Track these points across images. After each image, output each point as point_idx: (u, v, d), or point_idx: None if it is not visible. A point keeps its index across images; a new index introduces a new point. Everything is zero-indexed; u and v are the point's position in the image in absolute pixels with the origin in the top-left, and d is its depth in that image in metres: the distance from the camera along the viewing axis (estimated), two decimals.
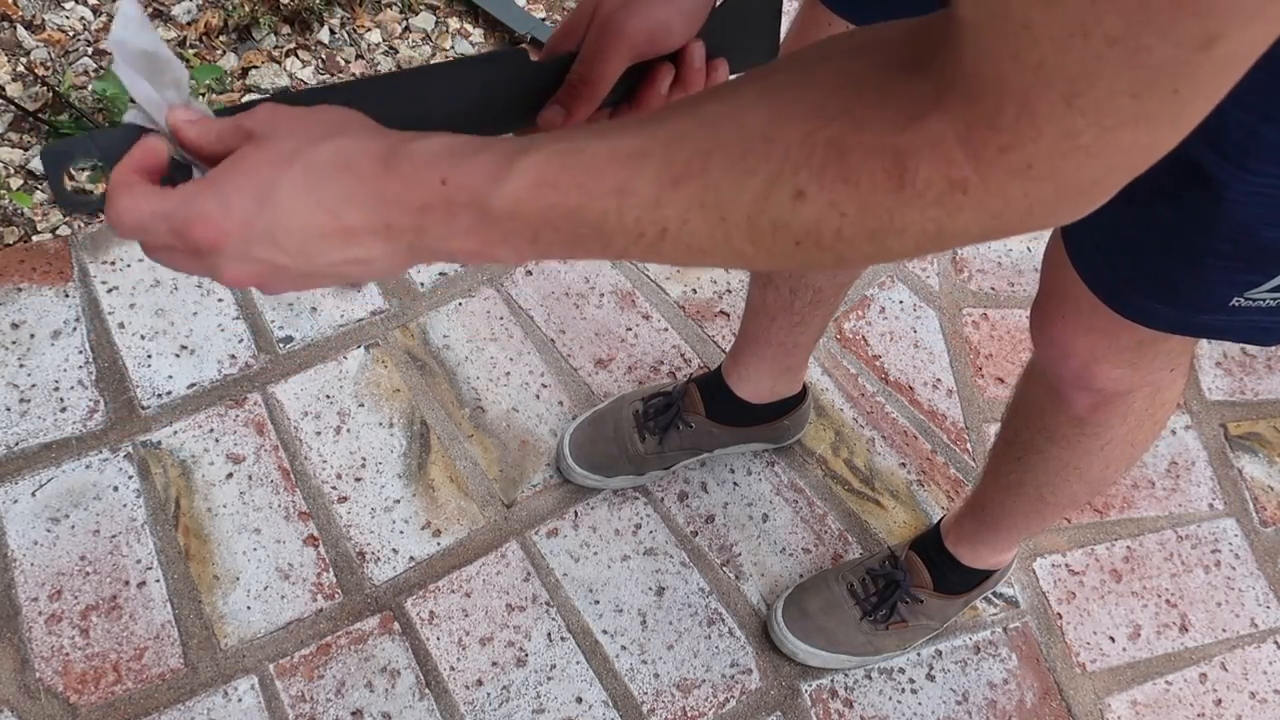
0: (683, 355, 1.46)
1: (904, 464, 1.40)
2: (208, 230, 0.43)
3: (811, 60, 0.41)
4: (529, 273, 1.51)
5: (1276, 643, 1.32)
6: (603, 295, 1.50)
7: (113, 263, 1.45)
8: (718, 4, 0.59)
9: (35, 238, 1.47)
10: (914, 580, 1.20)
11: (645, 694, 1.20)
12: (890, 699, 1.22)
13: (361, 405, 1.36)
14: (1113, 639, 1.30)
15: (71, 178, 0.50)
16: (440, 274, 1.50)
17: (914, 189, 0.36)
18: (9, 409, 1.31)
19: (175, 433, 1.32)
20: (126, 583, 1.21)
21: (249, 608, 1.21)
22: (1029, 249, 1.63)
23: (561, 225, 0.42)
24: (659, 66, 0.57)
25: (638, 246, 0.41)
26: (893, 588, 1.20)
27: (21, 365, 1.35)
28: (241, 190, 0.43)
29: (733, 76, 0.54)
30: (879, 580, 1.21)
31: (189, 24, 1.73)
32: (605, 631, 1.24)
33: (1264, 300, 0.68)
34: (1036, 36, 0.31)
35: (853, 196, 0.37)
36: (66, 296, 1.41)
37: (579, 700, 1.19)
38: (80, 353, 1.37)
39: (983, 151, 0.34)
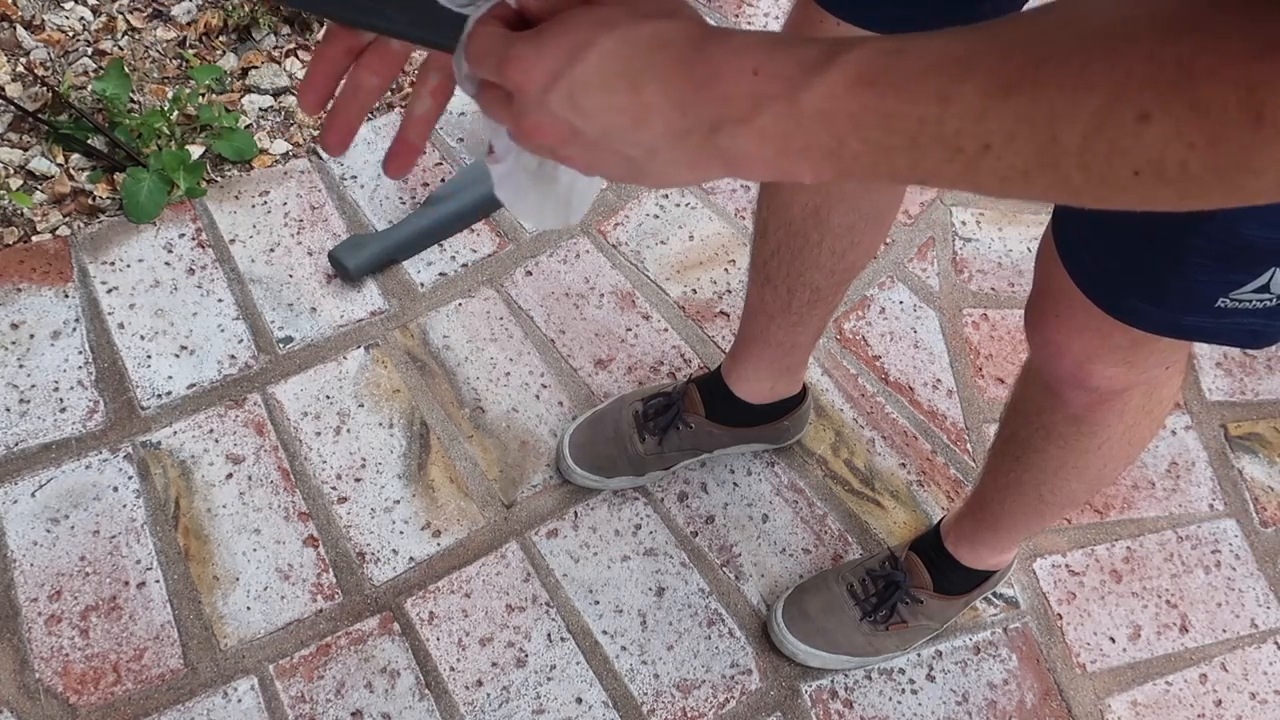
0: (683, 356, 1.46)
1: (904, 464, 1.40)
2: (517, 71, 0.43)
3: None
4: (529, 273, 1.51)
5: (1277, 643, 1.32)
6: (603, 296, 1.50)
7: (112, 263, 1.45)
8: None
9: (35, 238, 1.47)
10: (914, 581, 1.20)
11: (645, 694, 1.20)
12: (890, 700, 1.22)
13: (361, 406, 1.36)
14: (1113, 639, 1.29)
15: None
16: (440, 275, 1.50)
17: (1275, 126, 0.32)
18: (9, 409, 1.31)
19: (175, 433, 1.32)
20: (126, 583, 1.21)
21: (249, 608, 1.21)
22: (1029, 249, 1.63)
23: (872, 131, 0.38)
24: None
25: (953, 165, 0.38)
26: (893, 588, 1.20)
27: (21, 366, 1.35)
28: (558, 42, 0.42)
29: None
30: (879, 581, 1.21)
31: (189, 24, 1.73)
32: (605, 632, 1.23)
33: (1250, 302, 0.67)
34: None
35: (1202, 127, 0.33)
36: (66, 297, 1.41)
37: (579, 701, 1.19)
38: (80, 353, 1.37)
39: None
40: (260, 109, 1.65)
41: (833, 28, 0.87)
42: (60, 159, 1.55)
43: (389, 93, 1.71)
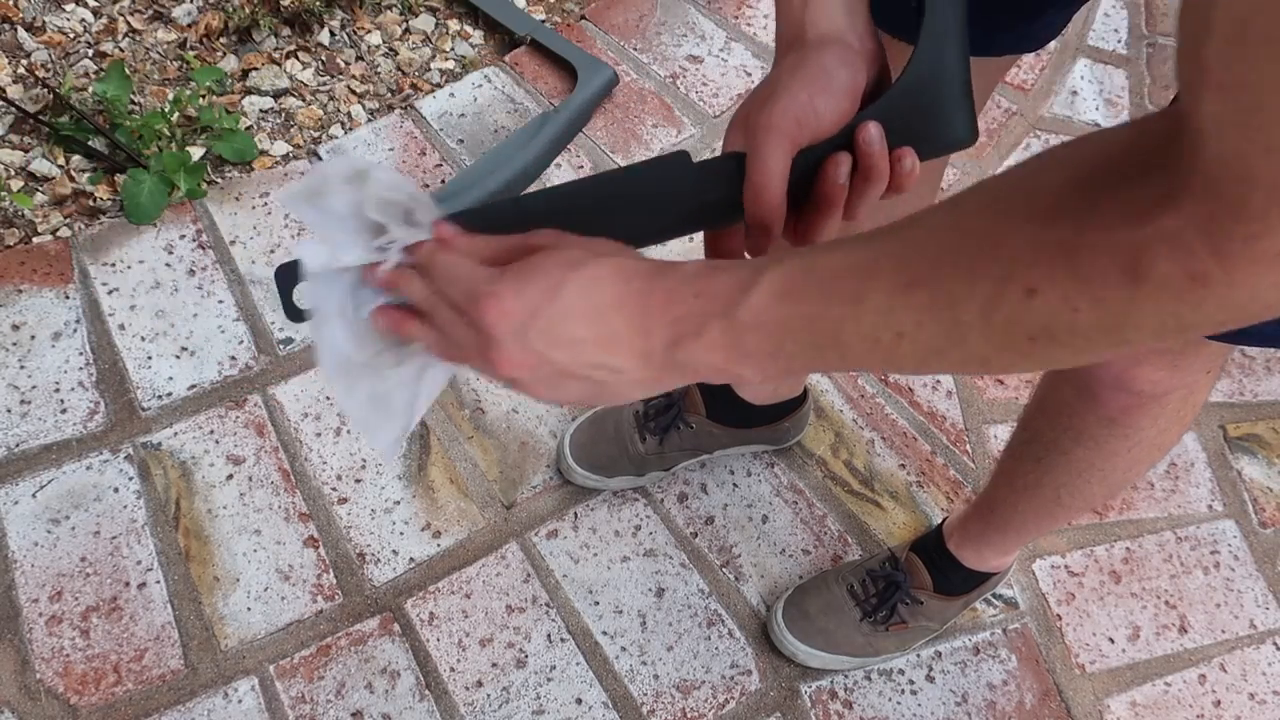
0: None
1: (903, 465, 1.40)
2: (496, 308, 0.48)
3: (1033, 168, 0.42)
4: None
5: (1275, 644, 1.32)
6: None
7: (113, 264, 1.45)
8: (894, 84, 0.56)
9: (36, 239, 1.47)
10: (914, 582, 1.20)
11: (645, 695, 1.20)
12: (890, 700, 1.22)
13: None
14: (1112, 640, 1.30)
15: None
16: None
17: (1151, 284, 0.36)
18: (9, 410, 1.31)
19: (175, 434, 1.32)
20: (127, 584, 1.21)
21: (249, 609, 1.21)
22: None
23: (801, 335, 0.44)
24: (832, 156, 0.55)
25: (875, 353, 0.43)
26: (893, 589, 1.20)
27: (22, 367, 1.35)
28: (535, 283, 0.48)
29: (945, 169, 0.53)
30: (879, 581, 1.21)
31: (189, 26, 1.73)
32: (605, 633, 1.24)
33: None
34: None
35: (1085, 291, 0.37)
36: (67, 298, 1.41)
37: (579, 701, 1.19)
38: (80, 354, 1.37)
39: (1225, 243, 0.34)
40: (261, 110, 1.66)
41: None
42: (61, 160, 1.55)
43: (389, 94, 1.72)
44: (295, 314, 0.57)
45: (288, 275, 0.58)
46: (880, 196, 0.56)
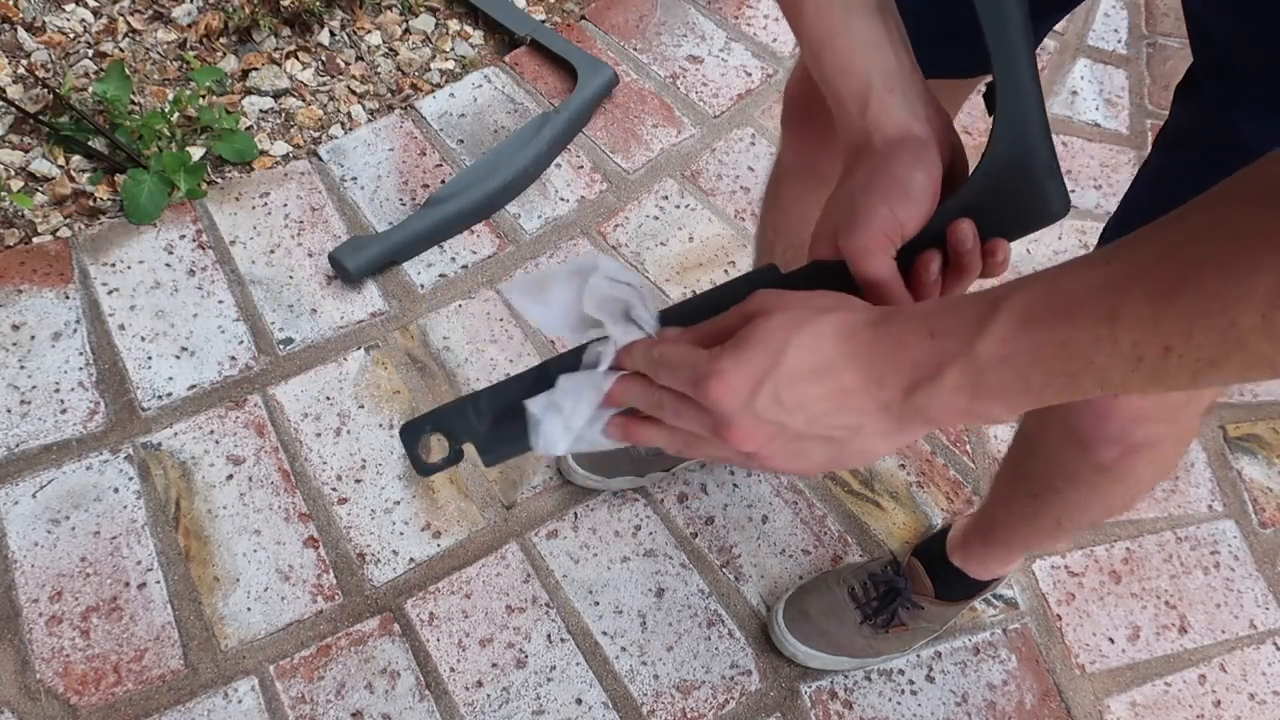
0: None
1: (903, 465, 1.40)
2: (721, 387, 0.46)
3: None
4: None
5: (1275, 644, 1.32)
6: None
7: (113, 264, 1.45)
8: (980, 167, 0.54)
9: (36, 240, 1.47)
10: (916, 587, 1.20)
11: (645, 695, 1.20)
12: (890, 700, 1.22)
13: (361, 407, 1.37)
14: (1112, 640, 1.30)
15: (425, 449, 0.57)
16: (440, 276, 1.50)
17: None
18: (9, 410, 1.31)
19: (175, 434, 1.32)
20: (127, 584, 1.21)
21: (249, 609, 1.21)
22: (1028, 250, 1.63)
23: (1052, 363, 0.41)
24: (922, 256, 0.54)
25: (1138, 373, 0.39)
26: (894, 594, 1.20)
27: (22, 367, 1.35)
28: (756, 351, 0.46)
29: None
30: (880, 585, 1.21)
31: (189, 26, 1.73)
32: (605, 633, 1.24)
33: None
34: None
35: None
36: (67, 298, 1.41)
37: (579, 701, 1.19)
38: (80, 354, 1.37)
39: None
40: (261, 110, 1.66)
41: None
42: (61, 161, 1.55)
43: (389, 94, 1.72)
44: (424, 468, 0.57)
45: (413, 432, 0.57)
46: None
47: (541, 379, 0.55)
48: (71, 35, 1.70)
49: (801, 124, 0.94)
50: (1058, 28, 1.95)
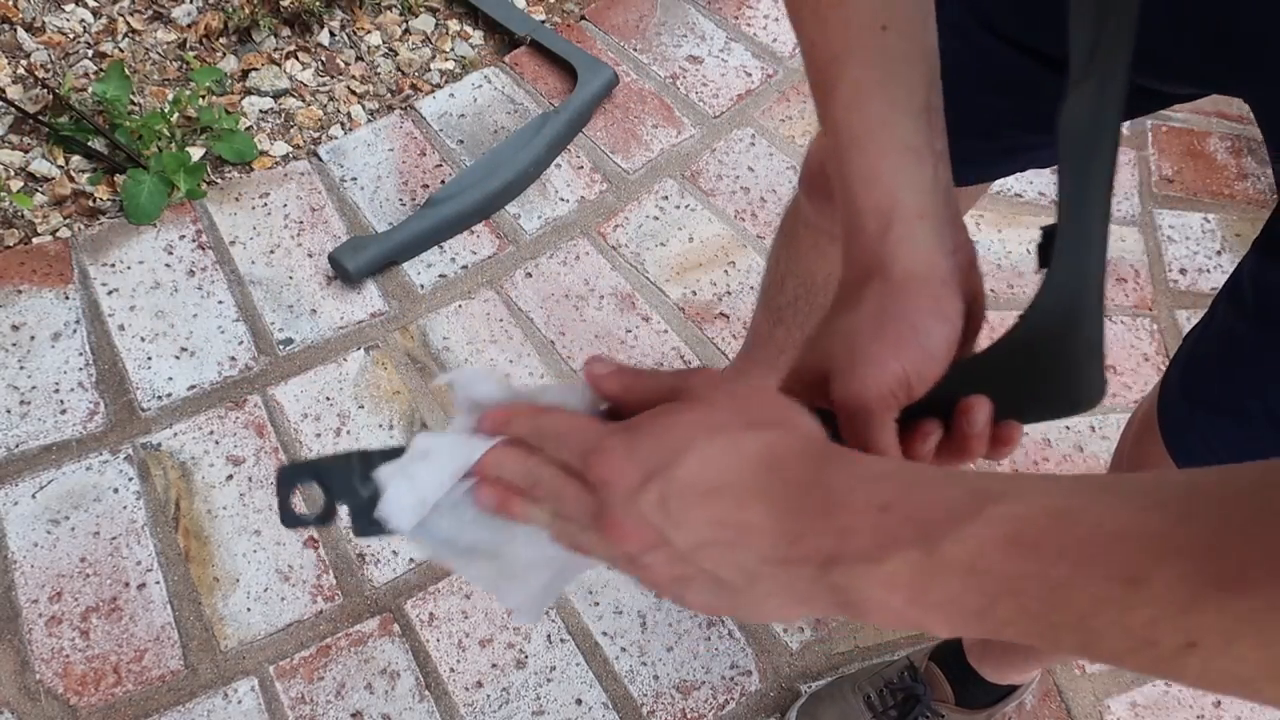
0: (682, 357, 1.46)
1: None
2: (605, 464, 0.39)
3: None
4: (529, 275, 1.51)
5: None
6: (602, 297, 1.50)
7: (113, 265, 1.45)
8: (1011, 335, 0.45)
9: (35, 240, 1.47)
10: (935, 694, 1.14)
11: (645, 696, 1.20)
12: None
13: (361, 407, 1.37)
14: None
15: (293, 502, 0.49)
16: (440, 276, 1.50)
17: None
18: (9, 411, 1.31)
19: (175, 434, 1.32)
20: (126, 584, 1.21)
21: (249, 609, 1.21)
22: (1028, 250, 1.63)
23: (1032, 603, 0.32)
24: (920, 427, 0.46)
25: (1139, 656, 0.31)
26: (913, 703, 1.14)
27: (22, 367, 1.35)
28: (654, 439, 0.39)
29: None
30: (898, 694, 1.15)
31: (189, 26, 1.73)
32: (605, 633, 1.24)
33: None
34: None
35: None
36: (66, 299, 1.41)
37: (579, 702, 1.19)
38: (80, 355, 1.37)
39: None
40: (260, 111, 1.66)
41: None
42: (61, 161, 1.55)
43: (389, 94, 1.72)
44: (289, 519, 0.48)
45: (289, 478, 0.49)
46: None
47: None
48: (71, 35, 1.70)
49: (823, 196, 0.86)
50: None
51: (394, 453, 0.46)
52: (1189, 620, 0.29)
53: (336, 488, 0.48)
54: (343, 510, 0.48)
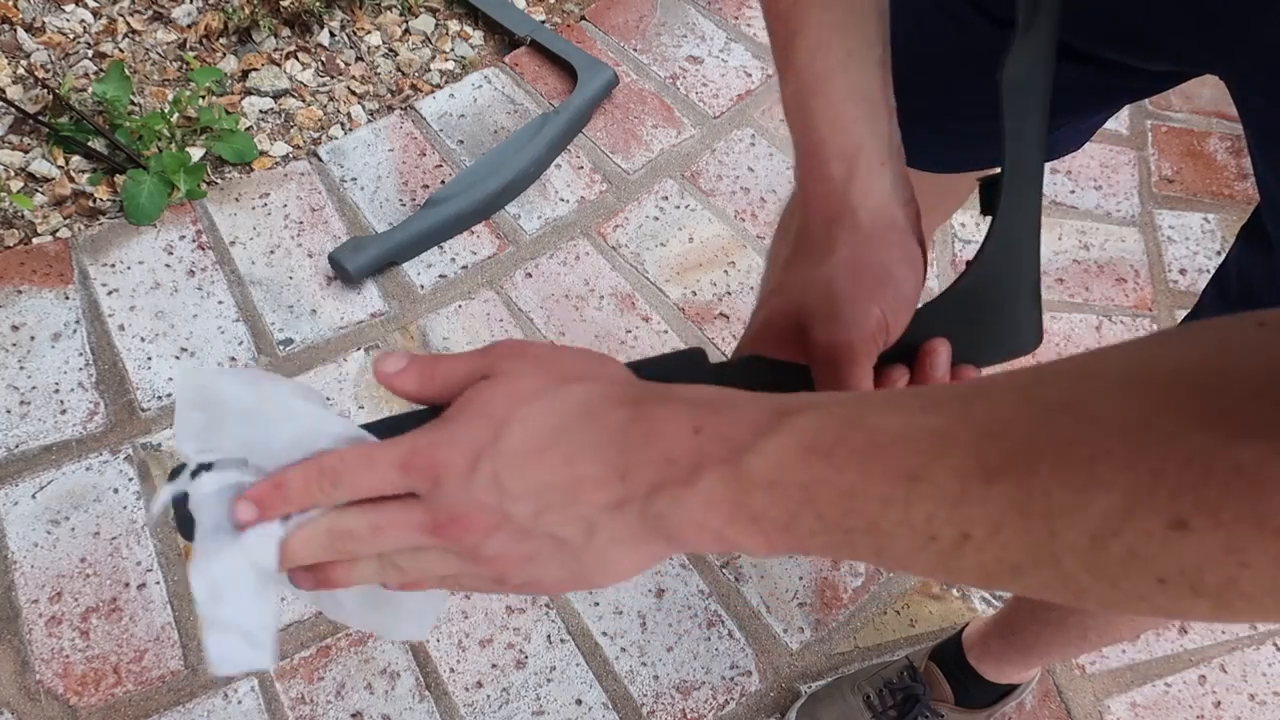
0: None
1: None
2: (429, 460, 0.38)
3: (1213, 343, 0.30)
4: (529, 275, 1.51)
5: (1275, 645, 1.32)
6: (602, 298, 1.50)
7: (113, 265, 1.45)
8: (959, 283, 0.49)
9: (35, 240, 1.47)
10: (935, 694, 1.15)
11: (645, 696, 1.20)
12: None
13: (361, 408, 1.37)
14: None
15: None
16: (440, 276, 1.50)
17: None
18: (9, 411, 1.31)
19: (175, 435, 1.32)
20: (126, 585, 1.21)
21: None
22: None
23: (828, 510, 0.34)
24: (887, 372, 0.47)
25: (924, 554, 0.33)
26: (912, 702, 1.14)
27: (22, 367, 1.35)
28: (471, 424, 0.38)
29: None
30: (897, 694, 1.15)
31: (189, 27, 1.73)
32: (605, 633, 1.24)
33: None
34: None
35: (1268, 547, 0.26)
36: (67, 299, 1.41)
37: (579, 702, 1.19)
38: (80, 355, 1.37)
39: None
40: (260, 111, 1.66)
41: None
42: (61, 161, 1.55)
43: (389, 94, 1.72)
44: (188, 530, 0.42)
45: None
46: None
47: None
48: (71, 36, 1.70)
49: None
50: None
51: (177, 470, 0.42)
52: (961, 512, 0.31)
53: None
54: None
